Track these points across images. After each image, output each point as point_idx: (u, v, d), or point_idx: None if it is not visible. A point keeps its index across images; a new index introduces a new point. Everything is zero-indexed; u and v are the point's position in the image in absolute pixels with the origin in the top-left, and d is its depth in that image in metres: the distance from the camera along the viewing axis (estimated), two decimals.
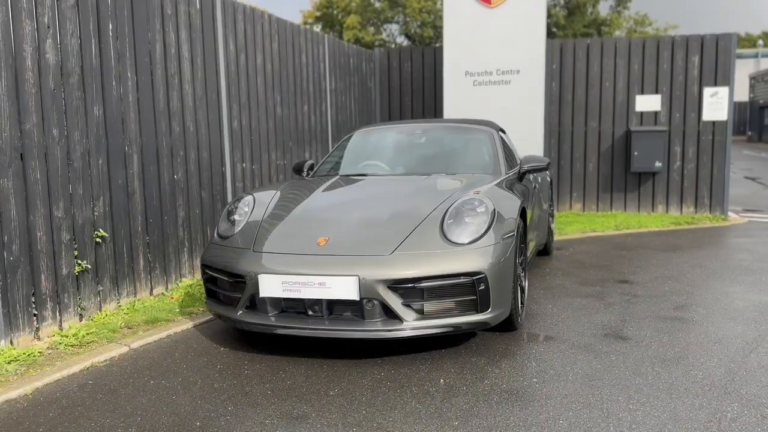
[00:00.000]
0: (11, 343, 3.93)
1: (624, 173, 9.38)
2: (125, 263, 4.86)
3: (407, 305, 3.47)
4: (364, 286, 3.40)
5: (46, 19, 4.13)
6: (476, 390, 3.24)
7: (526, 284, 4.43)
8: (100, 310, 4.62)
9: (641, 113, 9.23)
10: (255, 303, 3.66)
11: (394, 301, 3.44)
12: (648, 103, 9.18)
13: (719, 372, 3.40)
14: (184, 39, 5.50)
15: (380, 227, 3.77)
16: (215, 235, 4.17)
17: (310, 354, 3.77)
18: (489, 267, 3.55)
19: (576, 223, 8.49)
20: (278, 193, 4.40)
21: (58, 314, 4.26)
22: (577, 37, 35.74)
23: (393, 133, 5.57)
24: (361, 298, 3.43)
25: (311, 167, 5.49)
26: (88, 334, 4.16)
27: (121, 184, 4.81)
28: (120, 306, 4.78)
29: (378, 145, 5.47)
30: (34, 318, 4.10)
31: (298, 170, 5.51)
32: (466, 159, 5.08)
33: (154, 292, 5.18)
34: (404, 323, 3.45)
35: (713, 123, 8.99)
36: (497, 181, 4.55)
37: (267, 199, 4.28)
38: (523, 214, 4.33)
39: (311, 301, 3.53)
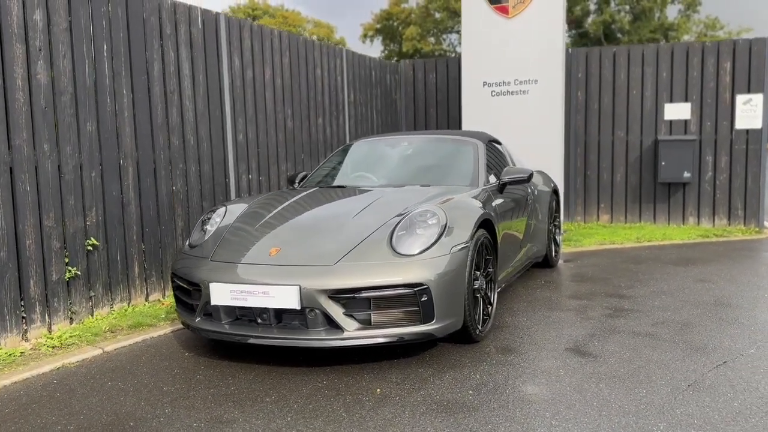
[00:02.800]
0: None
1: (653, 184, 9.09)
2: (119, 270, 5.12)
3: (349, 315, 3.54)
4: (305, 296, 3.49)
5: (37, 42, 4.45)
6: (407, 400, 3.27)
7: (494, 296, 4.41)
8: (92, 315, 4.89)
9: (670, 122, 8.94)
10: (211, 311, 3.81)
11: (335, 311, 3.51)
12: (677, 111, 8.88)
13: (664, 391, 3.30)
14: (185, 57, 5.76)
15: (332, 238, 3.86)
16: (186, 244, 4.36)
17: (265, 361, 3.88)
18: (433, 278, 3.57)
19: (597, 235, 8.29)
20: (250, 204, 4.55)
21: (47, 317, 4.55)
22: (643, 42, 34.74)
23: (381, 145, 5.65)
24: (303, 308, 3.52)
25: (303, 178, 5.64)
26: (71, 336, 4.42)
27: (116, 196, 5.08)
28: (113, 311, 5.05)
29: (364, 157, 5.56)
30: (23, 320, 4.39)
31: (291, 181, 5.68)
32: (445, 170, 5.10)
33: (150, 298, 5.43)
34: (345, 332, 3.51)
35: (747, 131, 8.61)
36: (469, 193, 4.55)
37: (238, 210, 4.44)
38: (488, 226, 4.31)
39: (259, 309, 3.64)
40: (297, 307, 3.50)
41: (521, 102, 8.40)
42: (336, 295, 3.51)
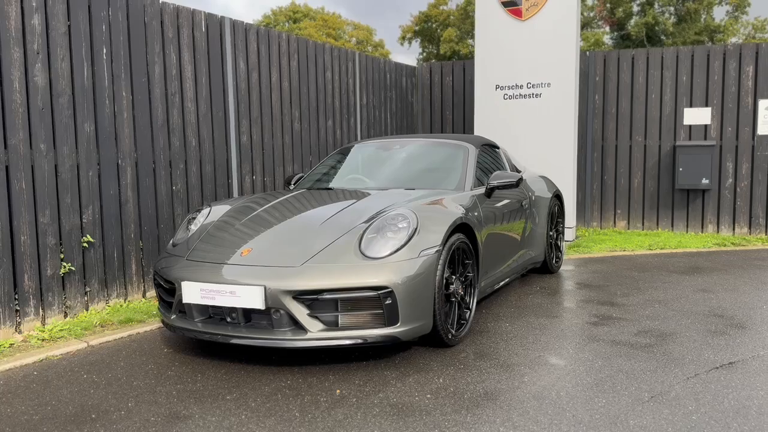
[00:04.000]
0: None
1: (671, 190, 8.88)
2: (115, 267, 5.28)
3: (314, 316, 3.58)
4: (270, 296, 3.55)
5: (35, 46, 4.62)
6: (364, 402, 3.29)
7: (472, 301, 4.39)
8: (87, 310, 5.05)
9: (690, 127, 8.72)
10: (185, 309, 3.90)
11: (299, 312, 3.56)
12: (697, 116, 8.66)
13: (625, 401, 3.24)
14: (187, 60, 5.90)
15: (303, 240, 3.91)
16: (170, 243, 4.46)
17: (238, 359, 3.95)
18: (398, 281, 3.58)
19: (608, 242, 8.15)
20: (234, 205, 4.63)
21: (41, 311, 4.71)
22: (687, 44, 33.86)
23: (374, 148, 5.68)
24: (268, 308, 3.57)
25: (299, 179, 5.71)
26: (61, 330, 4.57)
27: (113, 194, 5.23)
28: (108, 306, 5.20)
29: (357, 159, 5.60)
30: (17, 313, 4.57)
31: (287, 182, 5.76)
32: (432, 174, 5.11)
33: (148, 295, 5.57)
34: (308, 333, 3.56)
35: None
36: (452, 197, 4.55)
37: (221, 211, 4.53)
38: (467, 230, 4.30)
39: (228, 308, 3.71)
40: (261, 307, 3.56)
41: (534, 105, 8.33)
42: (300, 296, 3.55)
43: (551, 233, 6.31)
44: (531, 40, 8.25)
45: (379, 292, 3.56)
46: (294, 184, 5.63)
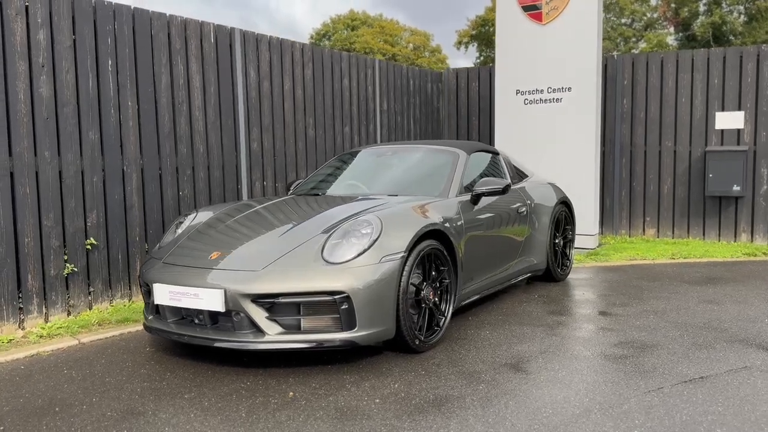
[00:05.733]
0: None
1: (702, 197, 8.55)
2: (120, 268, 5.52)
3: (273, 319, 3.67)
4: (230, 299, 3.66)
5: (40, 60, 4.91)
6: (311, 405, 3.35)
7: (448, 308, 4.37)
8: (90, 309, 5.31)
9: (722, 131, 8.38)
10: (160, 310, 4.07)
11: (258, 315, 3.65)
12: (729, 120, 8.31)
13: (570, 413, 3.18)
14: (195, 70, 6.11)
15: (270, 244, 4.00)
16: (157, 246, 4.65)
17: (210, 360, 4.07)
18: (355, 286, 3.63)
19: (631, 250, 7.92)
20: (218, 210, 4.78)
21: (44, 309, 4.99)
22: (758, 44, 32.46)
23: (367, 155, 5.73)
24: (229, 310, 3.68)
25: (299, 185, 5.82)
26: (59, 328, 4.83)
27: (118, 199, 5.48)
28: (112, 306, 5.45)
29: (351, 165, 5.67)
30: (20, 311, 4.85)
31: (288, 187, 5.89)
32: (418, 180, 5.13)
33: None
34: (266, 336, 3.65)
35: None
36: (432, 203, 4.56)
37: (206, 216, 4.69)
38: (442, 237, 4.30)
39: (195, 310, 3.85)
40: (222, 309, 3.67)
41: (554, 110, 8.20)
42: (258, 299, 3.65)
43: (557, 240, 6.20)
44: (551, 45, 8.13)
45: (335, 296, 3.62)
46: (293, 189, 5.75)
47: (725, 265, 7.10)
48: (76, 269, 5.17)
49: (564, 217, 6.37)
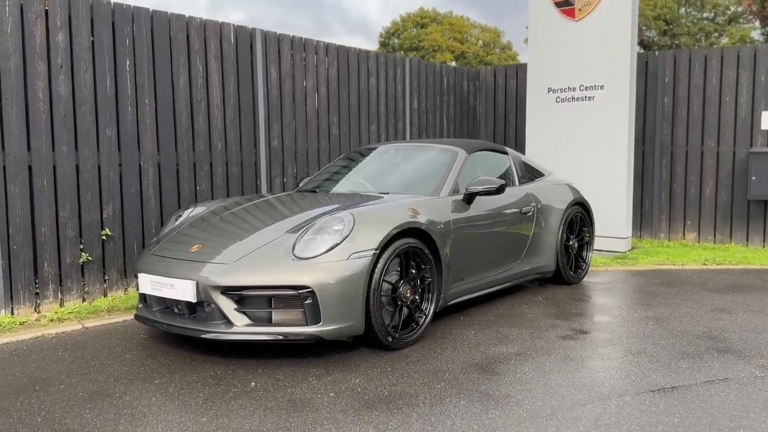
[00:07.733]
0: (12, 312, 5.04)
1: (746, 201, 8.12)
2: (135, 258, 5.79)
3: (241, 311, 3.78)
4: (202, 290, 3.80)
5: (59, 60, 5.22)
6: (267, 396, 3.44)
7: (429, 307, 4.37)
8: (105, 296, 5.60)
9: None
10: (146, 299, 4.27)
11: (227, 306, 3.78)
12: None
13: (516, 416, 3.14)
14: (214, 69, 6.33)
15: (249, 239, 4.12)
16: (155, 238, 4.86)
17: (192, 348, 4.24)
18: (320, 281, 3.70)
19: (662, 255, 7.62)
20: (215, 205, 4.94)
21: (60, 294, 5.31)
22: None
23: (372, 153, 5.77)
24: (200, 301, 3.83)
25: (308, 182, 5.94)
26: (71, 312, 5.13)
27: (134, 192, 5.75)
28: (126, 294, 5.73)
29: (354, 164, 5.72)
30: (36, 296, 5.18)
31: (297, 184, 6.02)
32: (412, 179, 5.14)
33: None
34: (234, 327, 3.77)
35: None
36: (422, 201, 4.57)
37: (201, 209, 4.86)
38: (423, 236, 4.30)
39: (174, 300, 4.01)
40: (193, 300, 3.82)
41: (586, 109, 7.99)
42: (227, 291, 3.77)
43: (570, 242, 6.06)
44: (584, 41, 7.93)
45: (300, 291, 3.69)
46: (299, 186, 5.87)
47: (758, 273, 6.73)
48: (91, 258, 5.47)
49: (579, 218, 6.21)
